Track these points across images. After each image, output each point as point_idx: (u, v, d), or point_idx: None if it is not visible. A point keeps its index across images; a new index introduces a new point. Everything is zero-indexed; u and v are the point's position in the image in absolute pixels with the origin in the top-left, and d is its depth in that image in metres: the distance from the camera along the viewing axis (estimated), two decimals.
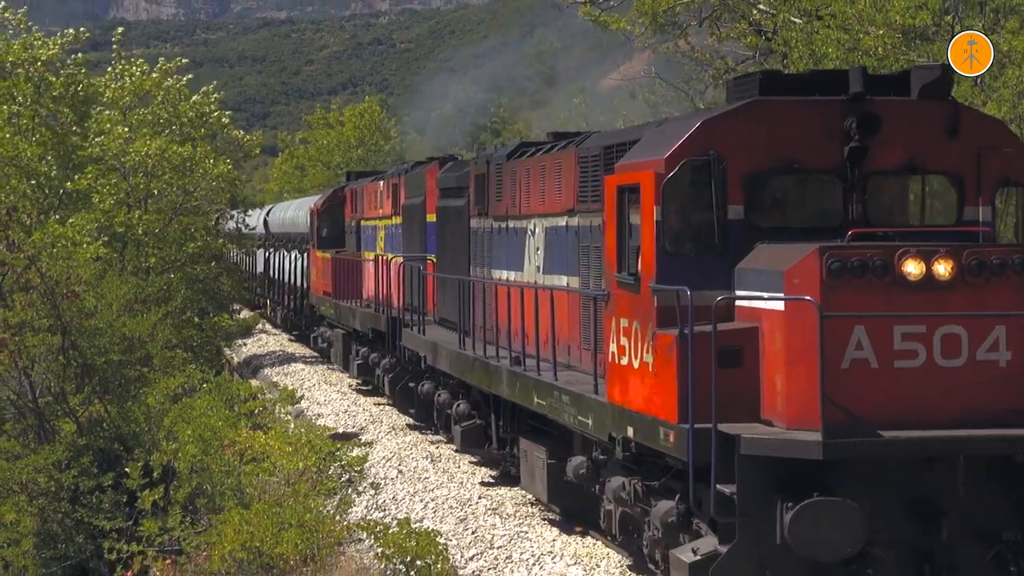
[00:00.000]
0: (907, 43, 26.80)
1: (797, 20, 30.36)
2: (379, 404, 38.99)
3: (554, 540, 22.00)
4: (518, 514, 24.17)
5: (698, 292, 15.54)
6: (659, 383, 16.07)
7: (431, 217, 33.04)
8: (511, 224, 26.24)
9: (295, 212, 63.10)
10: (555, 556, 20.93)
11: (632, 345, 17.14)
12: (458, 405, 27.91)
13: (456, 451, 29.60)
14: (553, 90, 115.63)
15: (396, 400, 36.26)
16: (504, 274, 26.67)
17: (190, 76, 51.22)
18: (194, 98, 49.94)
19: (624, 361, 17.35)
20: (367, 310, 39.72)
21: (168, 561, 23.99)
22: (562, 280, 22.74)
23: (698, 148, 16.70)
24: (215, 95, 51.71)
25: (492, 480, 27.93)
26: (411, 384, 33.76)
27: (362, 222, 45.00)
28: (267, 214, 72.48)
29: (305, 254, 56.51)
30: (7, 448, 32.27)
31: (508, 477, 27.11)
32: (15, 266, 33.01)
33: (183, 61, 51.92)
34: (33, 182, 43.32)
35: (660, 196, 16.57)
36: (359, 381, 43.23)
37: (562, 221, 22.72)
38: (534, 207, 24.61)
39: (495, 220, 27.27)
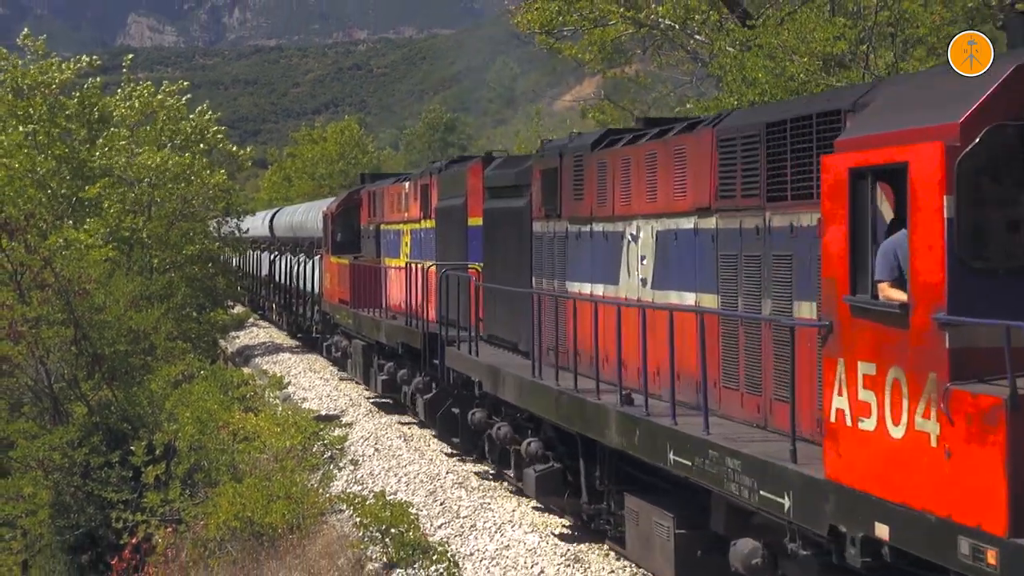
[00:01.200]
0: (827, 70, 26.83)
1: (730, 49, 30.40)
2: (358, 389, 38.92)
3: (514, 510, 21.99)
4: (481, 487, 24.17)
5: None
6: (959, 468, 10.04)
7: (474, 220, 26.29)
8: (598, 228, 19.73)
9: (303, 216, 56.17)
10: (514, 525, 20.93)
11: (887, 403, 11.07)
12: (529, 444, 20.73)
13: (530, 499, 22.34)
14: (512, 110, 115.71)
15: (437, 428, 28.12)
16: (586, 288, 20.08)
17: (189, 96, 51.24)
18: (192, 116, 50.07)
19: (868, 425, 11.28)
20: (395, 323, 31.68)
21: (169, 529, 23.99)
22: (685, 297, 16.51)
23: (1015, 106, 10.44)
24: (212, 114, 51.97)
25: (569, 531, 20.66)
26: (455, 410, 26.27)
27: (382, 226, 37.39)
28: (272, 217, 67.27)
29: (317, 259, 48.77)
30: (26, 428, 32.19)
31: (593, 531, 20.06)
32: (32, 266, 32.94)
33: (184, 84, 52.07)
34: (48, 191, 43.22)
35: (954, 180, 10.32)
36: (371, 391, 36.86)
37: (687, 223, 16.48)
38: (637, 207, 18.22)
39: (571, 223, 20.70)
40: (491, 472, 25.12)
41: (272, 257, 62.35)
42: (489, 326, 24.35)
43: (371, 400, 36.66)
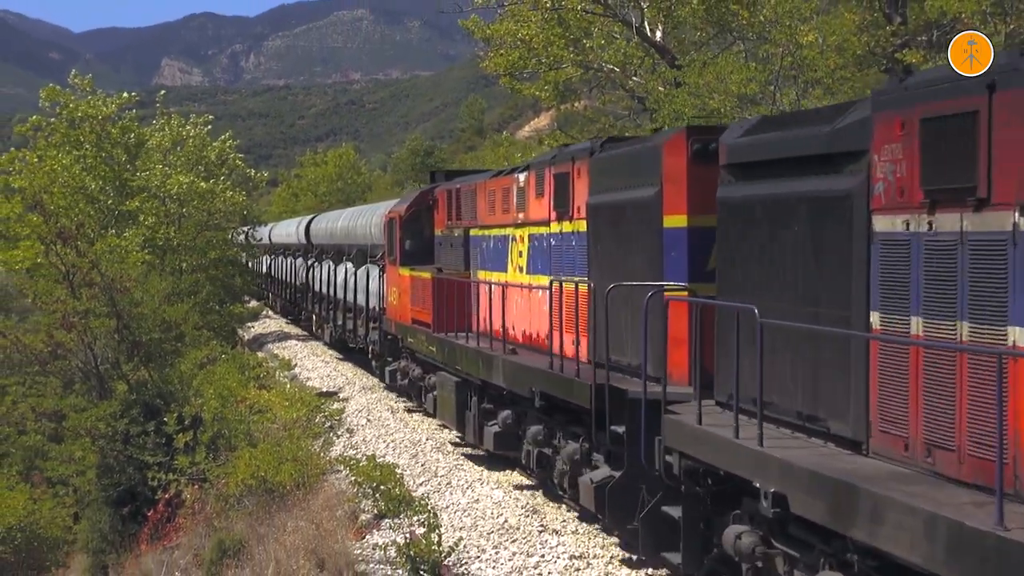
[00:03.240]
0: (741, 106, 26.85)
1: (661, 88, 30.41)
2: (354, 370, 38.78)
3: (482, 470, 21.96)
4: (456, 452, 24.11)
5: None
6: None
7: (674, 220, 14.59)
8: None
9: (351, 221, 42.39)
10: (483, 482, 20.90)
11: None
12: None
13: None
14: (480, 138, 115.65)
15: (642, 539, 14.30)
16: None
17: (209, 127, 51.44)
18: (216, 143, 50.41)
19: None
20: (520, 361, 18.76)
21: (195, 487, 23.88)
22: None
23: None
24: (232, 141, 52.44)
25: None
26: (671, 513, 13.37)
27: (473, 232, 23.94)
28: (309, 224, 53.42)
29: (368, 269, 36.15)
30: (76, 403, 32.26)
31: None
32: (82, 268, 32.87)
33: (209, 117, 52.38)
34: (95, 206, 43.17)
35: None
36: (468, 441, 23.46)
37: None
38: None
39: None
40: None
41: (309, 264, 49.87)
42: (745, 385, 11.19)
43: (463, 449, 24.00)
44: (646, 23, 32.85)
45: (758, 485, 10.48)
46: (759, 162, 12.11)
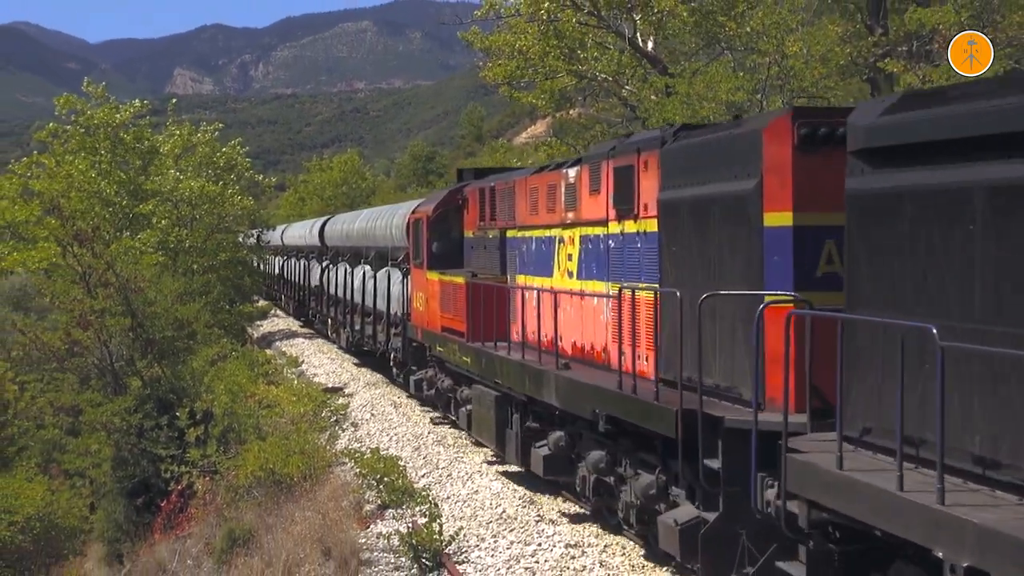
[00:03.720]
0: (729, 114, 26.86)
1: (653, 97, 30.42)
2: (359, 367, 38.76)
3: (482, 463, 21.96)
4: (456, 445, 24.11)
5: None
6: None
7: (777, 218, 11.96)
8: None
9: (368, 223, 38.97)
10: (482, 474, 20.91)
11: None
12: None
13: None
14: (479, 144, 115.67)
15: None
16: None
17: (217, 134, 51.37)
18: (224, 149, 50.39)
19: None
20: (588, 380, 15.41)
21: (207, 478, 23.84)
22: None
23: None
24: (241, 148, 52.37)
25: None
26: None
27: (510, 234, 20.78)
28: (323, 226, 50.14)
29: (389, 272, 32.76)
30: (92, 398, 32.21)
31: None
32: (98, 268, 32.86)
33: (219, 124, 52.29)
34: (110, 209, 43.16)
35: None
36: (509, 463, 20.53)
37: None
38: None
39: None
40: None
41: (324, 266, 46.29)
42: (856, 416, 9.66)
43: (497, 466, 21.36)
44: (638, 34, 32.85)
45: (940, 555, 7.80)
46: (915, 145, 9.22)
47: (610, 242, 15.63)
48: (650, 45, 33.08)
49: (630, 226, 14.90)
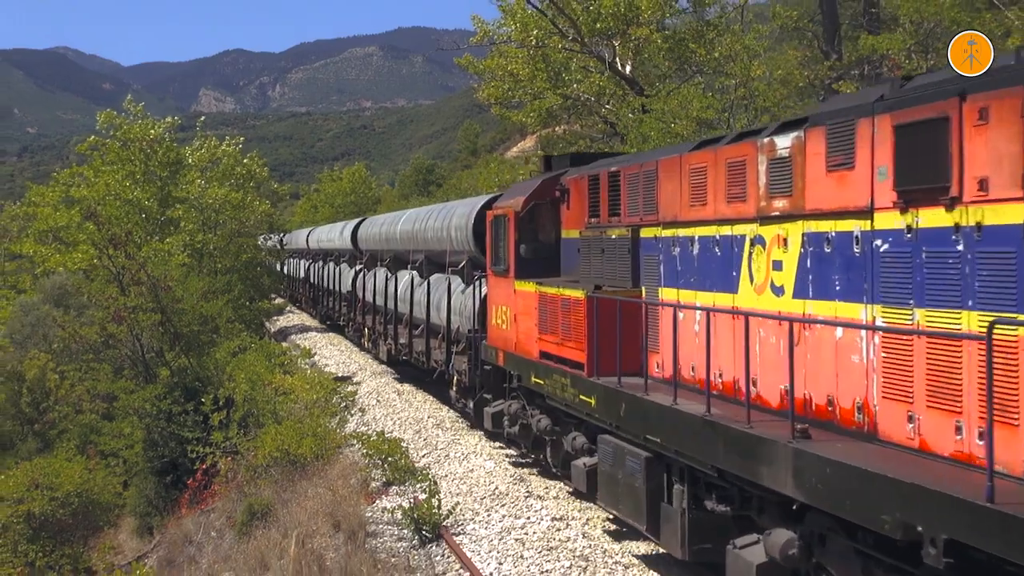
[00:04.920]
0: (700, 130, 26.85)
1: (631, 115, 30.40)
2: (366, 357, 38.67)
3: (476, 444, 21.92)
4: (453, 428, 24.07)
5: None
6: None
7: None
8: None
9: (419, 224, 30.48)
10: (477, 454, 20.87)
11: None
12: None
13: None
14: (475, 158, 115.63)
15: None
16: None
17: (240, 146, 51.34)
18: (245, 160, 50.43)
19: None
20: (889, 476, 7.91)
21: (229, 459, 23.80)
22: None
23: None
24: (260, 160, 52.62)
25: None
26: None
27: (647, 233, 14.07)
28: (356, 228, 43.01)
29: (439, 280, 27.32)
30: (125, 386, 32.20)
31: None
32: (131, 269, 32.79)
33: (240, 138, 52.33)
34: (143, 215, 43.12)
35: None
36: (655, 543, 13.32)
37: None
38: None
39: None
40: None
41: (357, 270, 40.01)
42: None
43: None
44: (617, 59, 32.83)
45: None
46: None
47: (879, 243, 9.36)
48: (628, 68, 33.06)
49: (936, 217, 8.65)
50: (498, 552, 14.50)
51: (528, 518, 15.92)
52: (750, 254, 11.45)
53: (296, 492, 19.34)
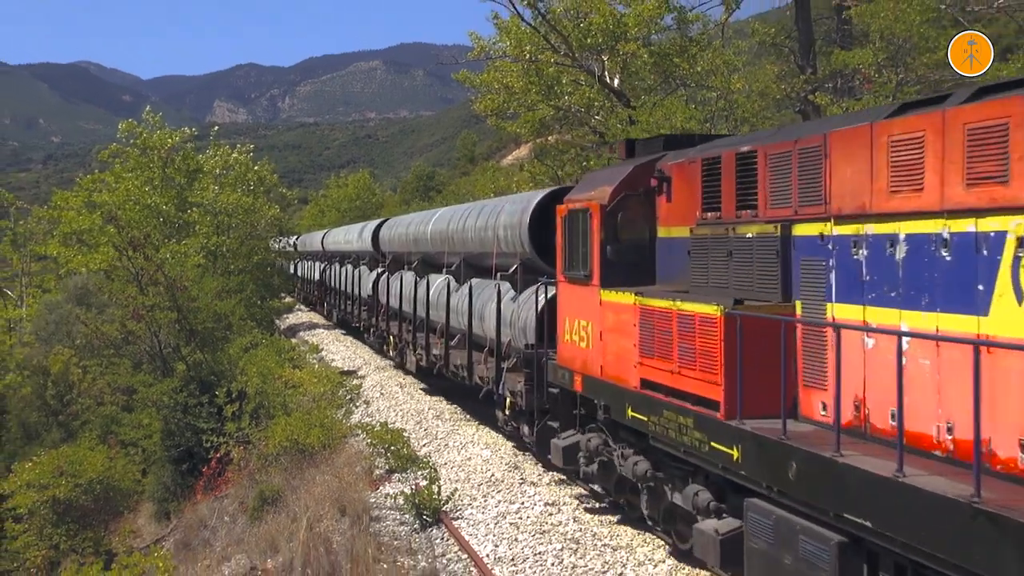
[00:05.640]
0: None
1: (619, 126, 30.40)
2: (370, 352, 38.62)
3: (474, 433, 21.91)
4: (453, 419, 24.05)
5: None
6: None
7: None
8: None
9: (454, 224, 25.86)
10: (475, 444, 20.86)
11: None
12: None
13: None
14: (472, 165, 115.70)
15: None
16: None
17: (251, 154, 51.32)
18: (256, 167, 50.40)
19: None
20: None
21: (241, 448, 23.78)
22: None
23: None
24: (270, 166, 52.63)
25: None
26: None
27: (805, 230, 9.86)
28: (378, 229, 38.30)
29: (510, 289, 20.90)
30: (144, 379, 32.17)
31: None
32: (149, 270, 32.72)
33: (251, 146, 52.39)
34: (160, 219, 43.11)
35: None
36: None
37: None
38: None
39: None
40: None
41: (379, 273, 35.65)
42: None
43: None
44: (606, 73, 32.83)
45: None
46: None
47: None
48: (616, 82, 33.05)
49: None
50: (494, 535, 14.51)
51: (522, 503, 15.92)
52: (1017, 259, 7.33)
53: (304, 479, 19.33)
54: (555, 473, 17.64)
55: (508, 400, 19.13)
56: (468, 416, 24.19)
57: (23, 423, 43.02)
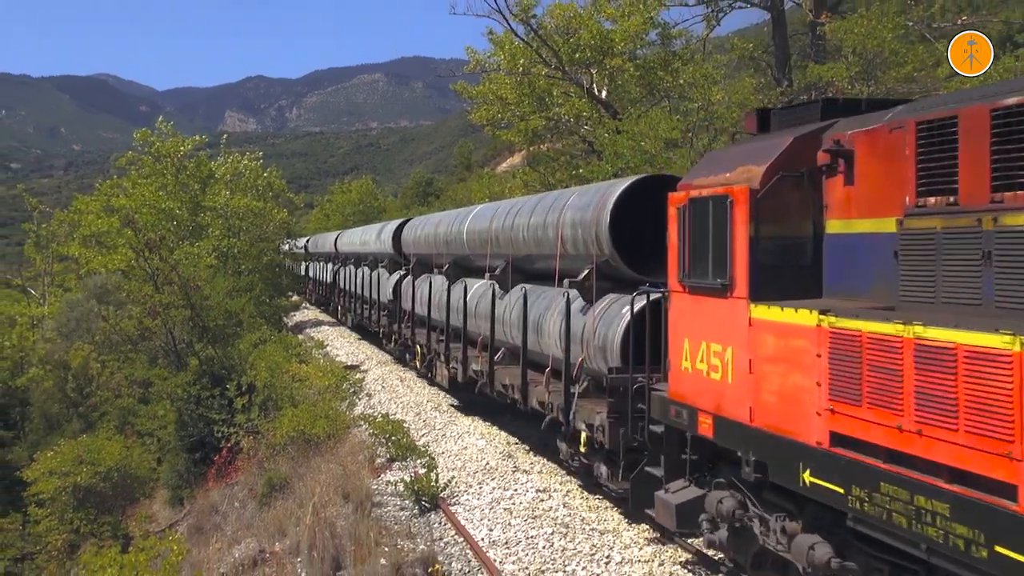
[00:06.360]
0: (667, 148, 26.84)
1: (606, 135, 30.40)
2: (372, 348, 38.60)
3: (471, 424, 21.88)
4: (450, 411, 24.01)
5: None
6: None
7: None
8: None
9: (498, 222, 20.68)
10: (471, 434, 20.83)
11: None
12: None
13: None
14: (468, 172, 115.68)
15: None
16: None
17: (261, 161, 51.31)
18: (265, 173, 50.37)
19: None
20: None
21: (250, 438, 23.74)
22: None
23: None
24: (278, 173, 52.62)
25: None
26: None
27: None
28: (398, 229, 32.91)
29: (579, 299, 15.76)
30: (159, 373, 32.08)
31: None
32: (164, 270, 32.68)
33: (260, 154, 52.35)
34: (174, 222, 43.07)
35: None
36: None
37: None
38: None
39: None
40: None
41: (401, 276, 30.97)
42: None
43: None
44: (594, 85, 32.85)
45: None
46: None
47: None
48: (604, 93, 33.06)
49: None
50: (489, 520, 14.49)
51: (515, 490, 15.90)
52: None
53: (310, 467, 19.29)
54: (547, 462, 17.62)
55: (590, 437, 14.30)
56: (465, 409, 24.12)
57: (45, 414, 43.00)
